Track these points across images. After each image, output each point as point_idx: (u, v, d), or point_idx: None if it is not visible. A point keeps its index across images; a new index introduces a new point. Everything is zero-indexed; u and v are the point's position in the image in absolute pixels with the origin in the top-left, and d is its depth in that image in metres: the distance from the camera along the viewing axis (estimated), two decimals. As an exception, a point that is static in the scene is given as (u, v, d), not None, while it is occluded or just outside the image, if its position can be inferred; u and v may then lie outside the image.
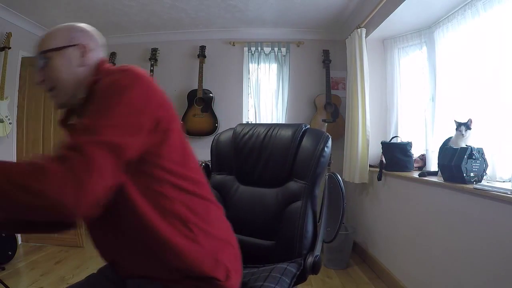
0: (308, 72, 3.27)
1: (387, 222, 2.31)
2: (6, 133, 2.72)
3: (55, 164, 0.55)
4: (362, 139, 2.52)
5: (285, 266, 0.94)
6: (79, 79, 0.75)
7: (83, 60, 0.76)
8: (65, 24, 0.79)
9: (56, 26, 0.78)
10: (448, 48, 2.05)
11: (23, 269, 2.39)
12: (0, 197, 0.54)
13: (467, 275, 1.44)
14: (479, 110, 1.73)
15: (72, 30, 0.78)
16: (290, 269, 0.93)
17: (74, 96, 0.76)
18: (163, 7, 2.76)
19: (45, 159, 0.57)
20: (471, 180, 1.48)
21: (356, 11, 2.73)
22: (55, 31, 0.77)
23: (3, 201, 0.55)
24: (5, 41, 2.68)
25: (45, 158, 0.57)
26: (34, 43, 0.78)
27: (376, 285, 2.24)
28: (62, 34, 0.76)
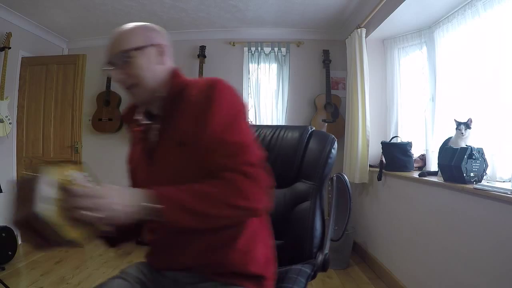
0: (308, 72, 3.27)
1: (387, 222, 2.31)
2: (6, 133, 2.72)
3: (245, 183, 0.70)
4: (362, 139, 2.52)
5: (300, 267, 0.98)
6: (158, 77, 0.81)
7: (160, 59, 0.82)
8: (138, 23, 0.82)
9: (129, 26, 0.81)
10: (448, 48, 2.05)
11: (23, 269, 2.39)
12: (207, 217, 0.69)
13: (467, 275, 1.44)
14: (479, 110, 1.73)
15: (149, 29, 0.82)
16: (304, 269, 0.97)
17: (153, 93, 0.81)
18: (163, 7, 2.77)
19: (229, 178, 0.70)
20: (471, 180, 1.48)
21: (356, 11, 2.73)
22: (133, 30, 0.80)
23: (210, 219, 0.69)
24: (5, 41, 2.68)
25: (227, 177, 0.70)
26: (109, 42, 0.80)
27: (376, 285, 2.24)
28: (141, 34, 0.80)
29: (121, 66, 0.78)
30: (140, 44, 0.78)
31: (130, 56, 0.77)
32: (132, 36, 0.79)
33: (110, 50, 0.79)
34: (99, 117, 3.30)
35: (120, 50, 0.77)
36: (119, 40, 0.79)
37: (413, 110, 2.49)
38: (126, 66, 0.78)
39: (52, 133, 2.98)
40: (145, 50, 0.79)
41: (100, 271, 2.39)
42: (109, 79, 3.32)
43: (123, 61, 0.77)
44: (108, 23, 3.11)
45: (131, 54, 0.77)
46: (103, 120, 3.29)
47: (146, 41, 0.79)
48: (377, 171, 2.36)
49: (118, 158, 3.41)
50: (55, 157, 2.96)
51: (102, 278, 2.26)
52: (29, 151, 2.99)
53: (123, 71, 0.78)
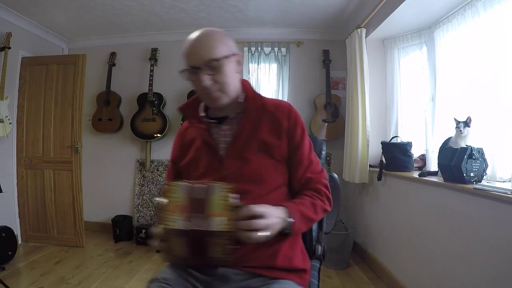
0: (308, 72, 3.27)
1: (387, 222, 2.31)
2: (6, 133, 2.72)
3: (328, 193, 0.95)
4: (362, 139, 2.52)
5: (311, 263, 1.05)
6: (237, 84, 0.92)
7: (239, 68, 0.93)
8: (219, 31, 0.89)
9: (215, 33, 0.87)
10: (448, 48, 2.05)
11: (23, 269, 2.39)
12: (313, 222, 0.90)
13: (467, 275, 1.44)
14: (479, 110, 1.73)
15: (230, 38, 0.91)
16: (315, 264, 1.05)
17: (232, 99, 0.91)
18: (163, 7, 2.77)
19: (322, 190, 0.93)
20: (471, 180, 1.48)
21: (356, 11, 2.73)
22: (221, 39, 0.87)
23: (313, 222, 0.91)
24: (5, 41, 2.68)
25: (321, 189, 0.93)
26: (194, 47, 0.85)
27: (376, 285, 2.24)
28: (227, 43, 0.89)
29: (209, 72, 0.84)
30: (228, 53, 0.86)
31: (220, 64, 0.84)
32: (221, 44, 0.86)
33: (198, 56, 0.84)
34: (99, 117, 3.30)
35: (212, 58, 0.83)
36: (209, 47, 0.84)
37: (413, 110, 2.49)
38: (215, 72, 0.85)
39: (52, 133, 2.97)
40: (231, 58, 0.87)
41: (100, 271, 2.39)
42: (109, 79, 3.32)
43: (213, 68, 0.84)
44: (108, 23, 3.11)
45: (221, 62, 0.84)
46: (103, 120, 3.29)
47: (231, 50, 0.88)
48: (377, 171, 2.36)
49: (118, 158, 3.45)
50: (55, 157, 2.96)
51: (102, 278, 2.27)
52: (29, 151, 2.99)
53: (212, 77, 0.85)
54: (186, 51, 0.86)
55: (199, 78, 0.84)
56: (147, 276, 2.35)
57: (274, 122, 0.93)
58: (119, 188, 3.41)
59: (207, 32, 0.87)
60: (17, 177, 2.98)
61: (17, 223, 2.94)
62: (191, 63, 0.85)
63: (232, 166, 0.88)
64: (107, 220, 3.29)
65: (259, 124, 0.92)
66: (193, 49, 0.85)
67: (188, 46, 0.86)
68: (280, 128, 0.92)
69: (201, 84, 0.85)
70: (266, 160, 0.89)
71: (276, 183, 0.90)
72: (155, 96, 3.20)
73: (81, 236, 2.91)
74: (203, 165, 0.92)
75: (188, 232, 0.65)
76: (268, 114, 0.94)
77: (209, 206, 0.66)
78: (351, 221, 3.00)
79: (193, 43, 0.85)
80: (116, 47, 3.44)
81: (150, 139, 3.22)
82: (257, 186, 0.86)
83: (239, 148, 0.90)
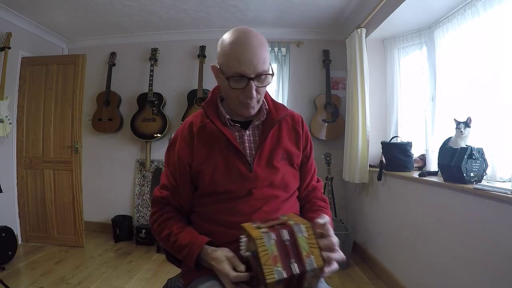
0: (308, 72, 3.27)
1: (387, 222, 2.31)
2: (6, 133, 2.72)
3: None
4: (362, 139, 2.52)
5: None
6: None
7: None
8: (263, 37, 0.87)
9: (264, 41, 0.85)
10: (448, 48, 2.05)
11: (23, 269, 2.39)
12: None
13: (467, 275, 1.44)
14: (479, 110, 1.73)
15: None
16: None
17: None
18: (163, 7, 2.77)
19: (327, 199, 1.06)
20: (471, 180, 1.48)
21: (356, 11, 2.73)
22: (267, 47, 0.87)
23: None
24: (5, 41, 2.68)
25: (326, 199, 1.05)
26: (250, 56, 0.81)
27: (376, 285, 2.24)
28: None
29: (257, 84, 0.84)
30: (270, 64, 0.86)
31: (267, 77, 0.85)
32: (268, 53, 0.86)
33: (252, 66, 0.81)
34: (99, 117, 3.30)
35: (264, 71, 0.83)
36: (264, 58, 0.83)
37: (413, 110, 2.49)
38: (260, 85, 0.85)
39: (52, 133, 2.97)
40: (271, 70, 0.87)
41: (100, 271, 2.39)
42: (109, 79, 3.32)
43: (260, 80, 0.84)
44: (108, 23, 3.11)
45: (268, 76, 0.85)
46: (103, 120, 3.29)
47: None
48: (377, 171, 2.36)
49: (118, 158, 3.45)
50: (55, 157, 2.96)
51: (102, 278, 2.27)
52: (29, 151, 2.99)
53: (258, 88, 0.85)
54: (238, 55, 0.80)
55: (248, 89, 0.83)
56: (147, 276, 2.35)
57: (292, 132, 0.98)
58: (119, 188, 3.41)
59: (260, 40, 0.83)
60: (17, 177, 2.98)
61: (17, 223, 2.94)
62: (244, 71, 0.80)
63: (262, 173, 0.89)
64: (107, 220, 3.29)
65: (280, 133, 0.96)
66: (248, 56, 0.80)
67: (241, 50, 0.80)
68: (298, 138, 0.98)
69: (247, 94, 0.84)
70: (287, 167, 0.95)
71: (295, 187, 0.98)
72: (155, 96, 3.20)
73: (81, 236, 2.91)
74: (232, 171, 0.89)
75: (288, 278, 0.66)
76: (287, 124, 0.99)
77: (300, 249, 0.68)
78: (351, 221, 3.00)
79: (248, 49, 0.80)
80: (116, 47, 3.44)
81: (150, 139, 3.22)
82: (283, 192, 0.93)
83: (266, 155, 0.92)
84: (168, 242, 0.89)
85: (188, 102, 3.18)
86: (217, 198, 0.89)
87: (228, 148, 0.90)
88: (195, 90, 3.18)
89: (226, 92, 0.89)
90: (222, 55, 0.84)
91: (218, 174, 0.89)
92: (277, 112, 0.96)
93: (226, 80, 0.83)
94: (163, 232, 0.91)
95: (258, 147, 0.92)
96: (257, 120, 0.94)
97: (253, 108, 0.89)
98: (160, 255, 2.71)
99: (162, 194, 0.95)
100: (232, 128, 0.93)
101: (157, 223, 0.93)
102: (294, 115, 1.02)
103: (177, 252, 0.87)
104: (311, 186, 1.03)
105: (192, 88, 3.22)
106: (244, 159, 0.90)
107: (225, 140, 0.90)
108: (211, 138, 0.92)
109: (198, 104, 3.12)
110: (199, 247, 0.83)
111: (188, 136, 0.94)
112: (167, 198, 0.94)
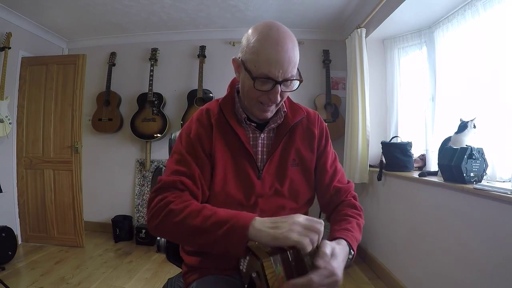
0: (308, 72, 3.26)
1: (387, 222, 2.31)
2: (6, 133, 2.72)
3: (361, 208, 0.92)
4: (362, 139, 2.52)
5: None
6: None
7: None
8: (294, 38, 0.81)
9: (296, 43, 0.79)
10: (448, 48, 2.05)
11: (23, 269, 2.39)
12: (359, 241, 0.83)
13: (467, 275, 1.44)
14: (479, 110, 1.73)
15: None
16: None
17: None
18: (163, 7, 2.77)
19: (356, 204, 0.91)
20: (471, 180, 1.48)
21: (356, 11, 2.73)
22: (298, 52, 0.80)
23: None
24: (5, 41, 2.68)
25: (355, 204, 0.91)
26: (283, 58, 0.74)
27: (376, 285, 2.24)
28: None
29: (283, 88, 0.79)
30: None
31: (294, 82, 0.80)
32: (298, 57, 0.79)
33: (283, 70, 0.75)
34: (99, 117, 3.30)
35: (293, 76, 0.78)
36: (294, 63, 0.77)
37: (413, 110, 2.49)
38: (285, 89, 0.80)
39: (52, 133, 2.97)
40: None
41: (100, 271, 2.39)
42: (109, 79, 3.32)
43: (287, 85, 0.79)
44: (108, 23, 3.11)
45: (294, 81, 0.80)
46: (103, 120, 3.29)
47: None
48: (377, 171, 2.36)
49: (118, 158, 3.45)
50: (55, 157, 2.96)
51: (102, 278, 2.27)
52: (29, 151, 2.99)
53: (282, 93, 0.80)
54: (269, 56, 0.73)
55: (273, 93, 0.77)
56: (147, 276, 2.35)
57: (307, 133, 0.92)
58: (119, 188, 3.41)
59: (293, 41, 0.78)
60: (17, 177, 2.98)
61: (17, 223, 2.94)
62: (273, 74, 0.74)
63: (269, 181, 0.85)
64: (107, 220, 3.29)
65: (294, 137, 0.90)
66: (279, 58, 0.73)
67: (273, 52, 0.73)
68: (313, 140, 0.92)
69: (270, 97, 0.78)
70: (299, 174, 0.88)
71: (308, 196, 0.90)
72: (155, 96, 3.20)
73: (81, 236, 2.91)
74: (241, 175, 0.84)
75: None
76: (302, 125, 0.93)
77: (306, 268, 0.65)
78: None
79: (281, 52, 0.73)
80: (116, 47, 3.45)
81: (150, 139, 3.22)
82: (292, 202, 0.87)
83: (276, 162, 0.87)
84: (194, 219, 0.68)
85: (188, 102, 3.18)
86: (223, 201, 0.81)
87: (240, 150, 0.85)
88: (195, 90, 3.18)
89: (246, 91, 0.82)
90: (250, 51, 0.77)
91: (228, 177, 0.83)
92: (294, 116, 0.91)
93: (251, 79, 0.77)
94: (184, 211, 0.70)
95: (270, 152, 0.87)
96: (274, 123, 0.89)
97: (271, 112, 0.85)
98: (160, 255, 2.71)
99: (176, 178, 0.77)
100: (247, 127, 0.88)
101: (171, 206, 0.71)
102: (310, 114, 0.96)
103: (214, 227, 0.66)
104: (334, 188, 0.91)
105: (192, 88, 3.22)
106: (254, 164, 0.85)
107: (238, 141, 0.85)
108: (225, 136, 0.86)
109: (198, 104, 3.12)
110: (250, 217, 0.66)
111: (207, 125, 0.86)
112: (185, 183, 0.77)
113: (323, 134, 0.95)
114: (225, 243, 0.65)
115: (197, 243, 0.70)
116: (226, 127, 0.86)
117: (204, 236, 0.67)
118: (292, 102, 0.95)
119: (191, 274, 0.87)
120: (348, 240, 0.75)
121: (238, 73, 0.85)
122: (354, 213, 0.87)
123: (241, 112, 0.88)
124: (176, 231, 0.71)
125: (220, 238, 0.65)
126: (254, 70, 0.76)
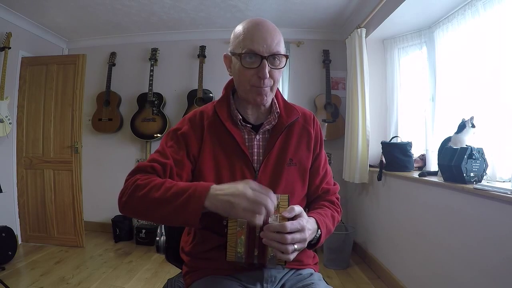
0: (308, 72, 3.27)
1: (387, 222, 2.31)
2: (6, 133, 2.72)
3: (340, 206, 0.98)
4: (362, 139, 2.52)
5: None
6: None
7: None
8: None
9: (277, 29, 0.83)
10: (448, 48, 2.05)
11: (23, 269, 2.39)
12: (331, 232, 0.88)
13: (466, 275, 1.44)
14: (479, 110, 1.73)
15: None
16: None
17: (269, 104, 0.91)
18: (163, 7, 2.77)
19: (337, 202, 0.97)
20: (471, 180, 1.48)
21: (356, 11, 2.73)
22: (282, 36, 0.83)
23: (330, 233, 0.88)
24: (5, 41, 2.68)
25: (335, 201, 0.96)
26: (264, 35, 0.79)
27: (376, 285, 2.24)
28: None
29: (270, 66, 0.80)
30: (286, 54, 0.83)
31: (281, 60, 0.82)
32: (283, 42, 0.83)
33: (266, 44, 0.78)
34: (99, 117, 3.30)
35: (279, 51, 0.80)
36: (278, 40, 0.80)
37: (413, 110, 2.49)
38: (274, 67, 0.81)
39: (52, 133, 2.97)
40: (285, 60, 0.83)
41: (100, 271, 2.39)
42: (109, 79, 3.32)
43: (274, 62, 0.80)
44: (108, 23, 3.11)
45: (282, 59, 0.82)
46: (103, 120, 3.29)
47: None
48: (377, 171, 2.36)
49: (118, 158, 3.45)
50: (55, 157, 2.96)
51: (102, 278, 2.27)
52: (29, 151, 2.99)
53: (271, 71, 0.80)
54: (252, 34, 0.78)
55: (261, 69, 0.78)
56: (147, 276, 2.35)
57: (304, 134, 0.93)
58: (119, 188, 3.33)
59: (273, 25, 0.82)
60: (17, 177, 2.98)
61: (17, 223, 2.94)
62: (257, 49, 0.78)
63: (265, 182, 0.85)
64: (107, 220, 3.29)
65: (291, 137, 0.91)
66: (261, 35, 0.78)
67: (255, 30, 0.79)
68: (309, 140, 0.93)
69: (260, 75, 0.79)
70: (295, 174, 0.90)
71: (302, 194, 0.92)
72: (155, 96, 3.20)
73: (81, 236, 2.91)
74: (236, 177, 0.84)
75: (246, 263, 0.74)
76: (299, 125, 0.94)
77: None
78: (351, 221, 3.00)
79: (262, 29, 0.79)
80: (116, 47, 3.45)
81: (150, 139, 3.22)
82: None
83: (272, 162, 0.88)
84: (156, 192, 0.71)
85: (188, 102, 3.18)
86: None
87: (236, 151, 0.86)
88: (195, 90, 3.18)
89: (238, 76, 0.83)
90: (235, 39, 0.82)
91: (223, 178, 0.83)
92: (288, 116, 0.91)
93: (239, 58, 0.80)
94: (148, 185, 0.73)
95: (266, 153, 0.88)
96: (268, 124, 0.90)
97: (266, 95, 0.83)
98: (160, 255, 2.71)
99: (148, 164, 0.81)
100: (243, 129, 0.89)
101: (137, 182, 0.76)
102: (306, 114, 0.97)
103: (173, 197, 0.69)
104: (323, 189, 0.94)
105: (192, 88, 3.22)
106: (250, 165, 0.86)
107: (234, 143, 0.86)
108: (220, 137, 0.87)
109: (198, 104, 3.12)
110: (207, 186, 0.68)
111: (199, 126, 0.88)
112: (155, 167, 0.80)
113: (318, 136, 0.97)
114: (183, 212, 0.68)
115: (159, 215, 0.72)
116: (221, 129, 0.87)
117: (165, 207, 0.69)
118: (286, 102, 0.95)
119: (191, 274, 0.87)
120: (317, 220, 0.79)
121: (230, 67, 0.88)
122: (331, 206, 0.93)
123: (237, 113, 0.89)
124: (141, 205, 0.74)
125: (179, 207, 0.68)
126: (240, 50, 0.80)
